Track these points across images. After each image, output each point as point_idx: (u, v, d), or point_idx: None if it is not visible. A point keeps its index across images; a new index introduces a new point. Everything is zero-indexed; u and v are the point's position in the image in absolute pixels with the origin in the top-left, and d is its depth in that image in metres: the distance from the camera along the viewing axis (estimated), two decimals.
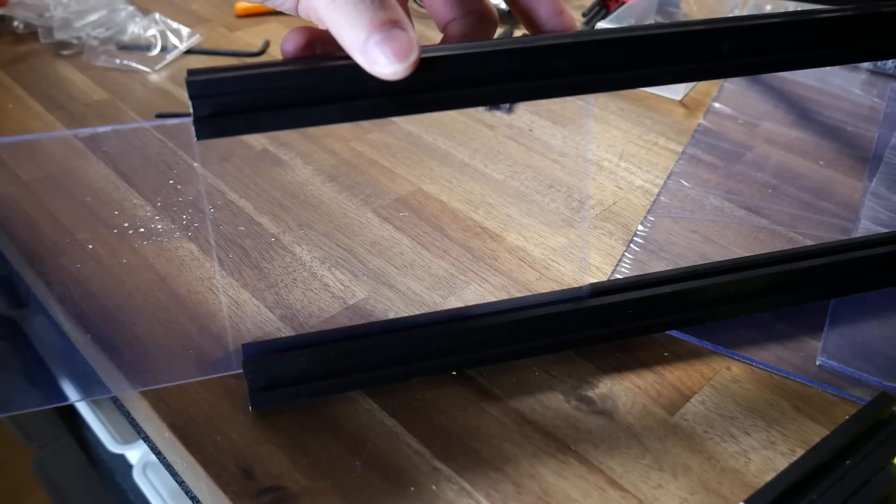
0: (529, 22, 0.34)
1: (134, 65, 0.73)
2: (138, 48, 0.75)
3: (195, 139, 0.29)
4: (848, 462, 0.34)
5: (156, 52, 0.74)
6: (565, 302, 0.40)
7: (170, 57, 0.74)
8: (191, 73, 0.28)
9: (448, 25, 0.36)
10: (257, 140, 0.61)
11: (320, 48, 0.32)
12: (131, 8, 0.78)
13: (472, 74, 0.31)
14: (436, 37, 0.36)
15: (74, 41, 0.74)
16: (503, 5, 0.81)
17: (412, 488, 0.35)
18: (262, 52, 0.77)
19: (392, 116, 0.31)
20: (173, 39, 0.75)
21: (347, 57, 0.29)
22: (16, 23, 0.77)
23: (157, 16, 0.76)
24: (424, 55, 0.29)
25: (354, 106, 0.29)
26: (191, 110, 0.28)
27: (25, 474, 0.95)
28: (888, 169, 0.58)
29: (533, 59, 0.31)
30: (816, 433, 0.38)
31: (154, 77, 0.71)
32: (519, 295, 0.46)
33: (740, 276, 0.41)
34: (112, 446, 0.79)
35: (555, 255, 0.49)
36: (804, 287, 0.43)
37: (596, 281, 0.42)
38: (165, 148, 0.60)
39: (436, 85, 0.30)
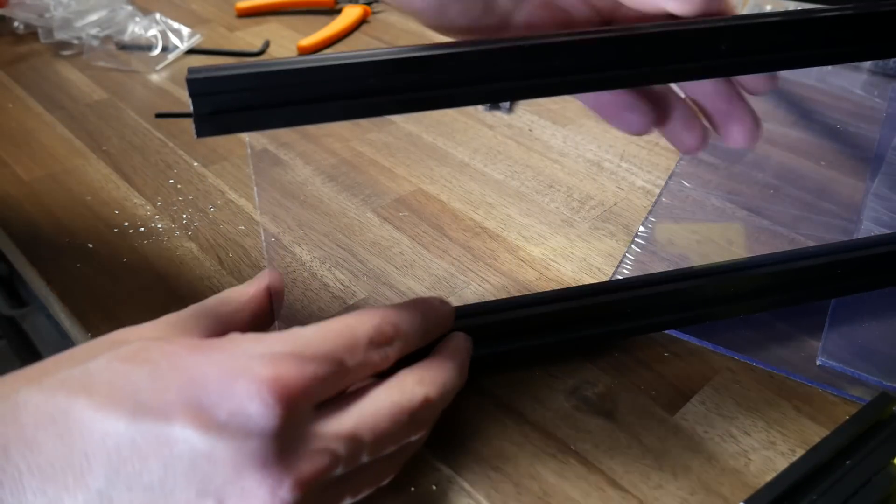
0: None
1: (135, 65, 0.73)
2: (139, 48, 0.75)
3: (196, 137, 0.29)
4: (848, 462, 0.34)
5: (157, 52, 0.74)
6: (565, 301, 0.40)
7: (171, 57, 0.74)
8: (191, 71, 0.28)
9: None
10: (257, 140, 0.61)
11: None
12: (131, 8, 0.78)
13: (474, 72, 0.31)
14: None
15: (74, 41, 0.75)
16: None
17: (412, 488, 0.35)
18: (262, 52, 0.77)
19: (393, 114, 0.31)
20: (174, 39, 0.75)
21: (349, 56, 0.29)
22: (16, 23, 0.77)
23: (157, 16, 0.76)
24: (425, 53, 0.29)
25: (355, 104, 0.29)
26: (191, 108, 0.28)
27: None
28: (890, 169, 0.58)
29: (534, 58, 0.31)
30: (816, 433, 0.38)
31: (154, 77, 0.71)
32: (518, 295, 0.46)
33: (740, 276, 0.41)
34: None
35: (555, 255, 0.49)
36: (804, 287, 0.43)
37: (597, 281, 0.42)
38: (166, 147, 0.60)
39: (437, 83, 0.30)
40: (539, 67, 0.31)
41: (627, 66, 0.32)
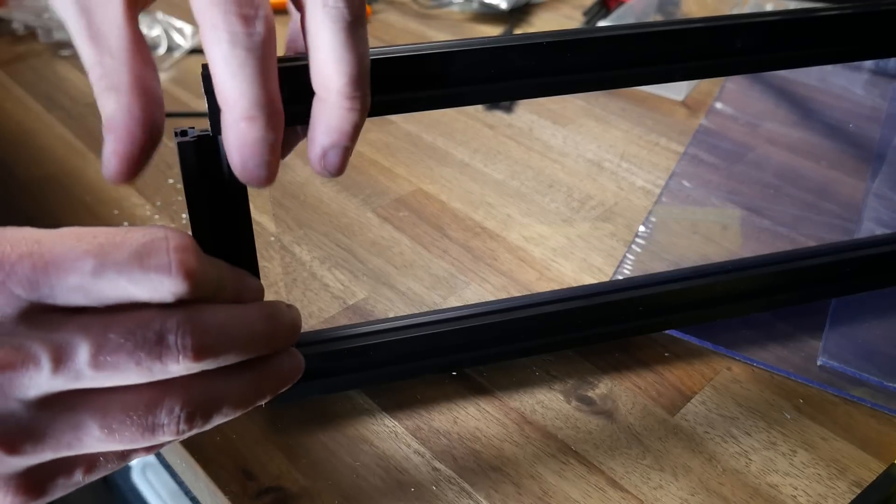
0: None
1: None
2: None
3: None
4: None
5: (163, 51, 0.74)
6: (566, 301, 0.40)
7: (177, 55, 0.73)
8: (206, 66, 0.27)
9: None
10: None
11: None
12: None
13: (488, 70, 0.31)
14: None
15: None
16: (503, 6, 0.81)
17: (412, 488, 0.35)
18: None
19: (406, 112, 0.31)
20: (178, 38, 0.75)
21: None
22: (15, 23, 0.77)
23: (159, 15, 0.76)
24: (439, 50, 0.29)
25: (374, 102, 0.29)
26: (206, 105, 0.28)
27: None
28: (890, 169, 0.58)
29: (551, 55, 0.31)
30: (817, 433, 0.38)
31: None
32: (519, 295, 0.46)
33: (741, 276, 0.41)
34: None
35: (555, 255, 0.49)
36: (805, 287, 0.43)
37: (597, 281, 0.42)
38: (165, 147, 0.60)
39: (452, 80, 0.30)
40: (557, 65, 0.31)
41: (646, 64, 0.32)
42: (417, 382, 0.40)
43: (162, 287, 0.25)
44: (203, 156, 0.28)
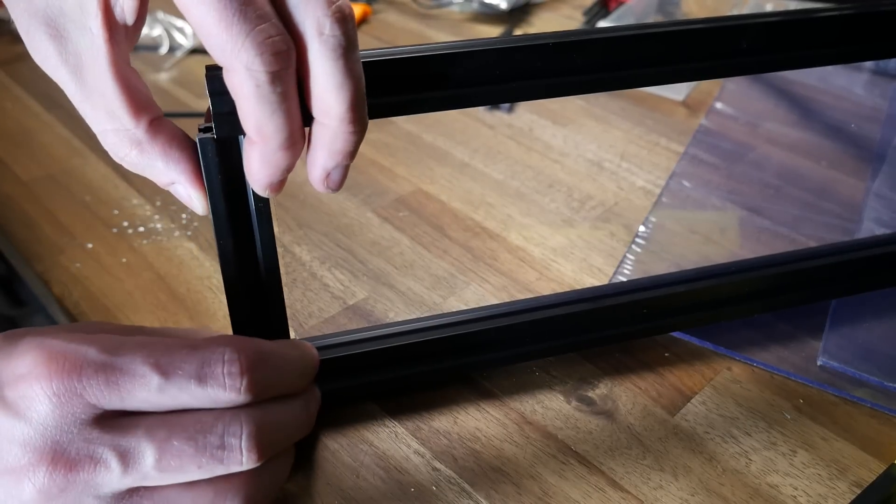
0: None
1: (138, 65, 0.72)
2: (146, 48, 0.74)
3: (214, 136, 0.28)
4: None
5: (164, 51, 0.74)
6: (568, 304, 0.40)
7: (179, 55, 0.73)
8: (210, 68, 0.27)
9: None
10: None
11: None
12: None
13: (493, 72, 0.31)
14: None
15: None
16: (503, 6, 0.81)
17: (412, 489, 0.35)
18: None
19: (411, 114, 0.31)
20: (179, 38, 0.74)
21: (370, 54, 0.29)
22: (14, 24, 0.77)
23: (159, 14, 0.76)
24: (444, 52, 0.29)
25: (376, 103, 0.29)
26: (210, 106, 0.28)
27: None
28: (890, 169, 0.58)
29: (557, 57, 0.31)
30: (817, 434, 0.38)
31: (152, 77, 0.71)
32: (519, 295, 0.46)
33: (742, 278, 0.41)
34: None
35: (555, 255, 0.49)
36: (805, 288, 0.43)
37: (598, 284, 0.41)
38: None
39: (457, 82, 0.30)
40: (565, 66, 0.31)
41: (654, 64, 0.33)
42: (418, 382, 0.40)
43: (219, 400, 0.28)
44: (223, 153, 0.29)
